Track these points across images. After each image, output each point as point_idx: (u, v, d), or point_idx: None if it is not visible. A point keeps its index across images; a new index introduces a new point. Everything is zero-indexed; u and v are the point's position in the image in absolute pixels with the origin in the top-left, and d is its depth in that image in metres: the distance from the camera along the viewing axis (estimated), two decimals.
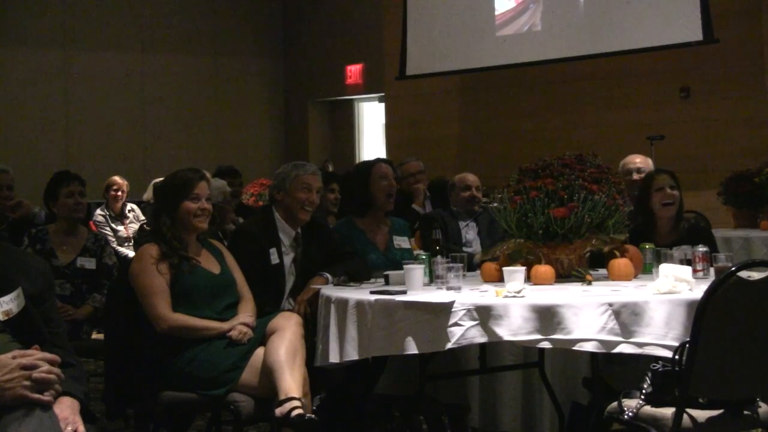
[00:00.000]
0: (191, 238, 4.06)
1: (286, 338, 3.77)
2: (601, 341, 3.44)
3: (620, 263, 4.06)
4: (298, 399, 3.61)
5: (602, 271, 4.20)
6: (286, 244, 4.53)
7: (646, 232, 4.79)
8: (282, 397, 3.62)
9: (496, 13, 12.32)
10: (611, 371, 4.02)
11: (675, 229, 4.83)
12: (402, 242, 4.93)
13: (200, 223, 4.03)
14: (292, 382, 3.65)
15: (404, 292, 3.78)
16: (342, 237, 4.74)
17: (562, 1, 11.80)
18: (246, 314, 3.97)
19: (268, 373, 3.72)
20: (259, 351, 3.82)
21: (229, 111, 15.90)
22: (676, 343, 3.32)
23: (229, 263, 4.14)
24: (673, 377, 3.22)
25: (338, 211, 6.20)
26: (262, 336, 3.86)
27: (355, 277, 4.38)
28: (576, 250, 4.06)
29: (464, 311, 3.49)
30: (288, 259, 4.52)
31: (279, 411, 3.59)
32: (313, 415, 3.60)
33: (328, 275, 4.40)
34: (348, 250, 4.62)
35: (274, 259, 4.46)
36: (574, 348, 3.47)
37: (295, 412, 3.55)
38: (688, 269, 3.76)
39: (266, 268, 4.41)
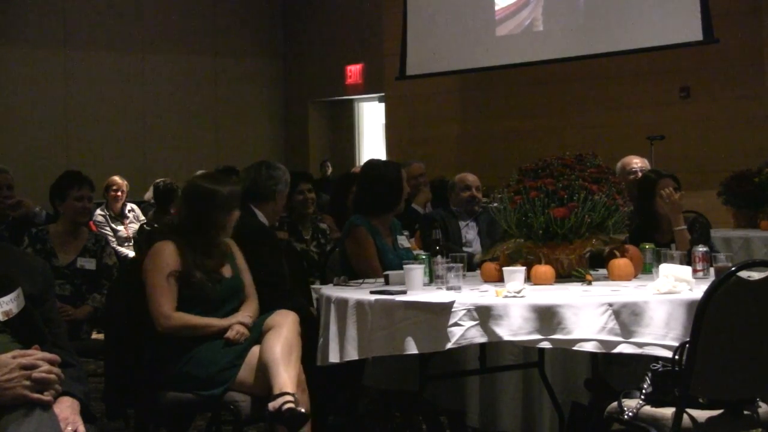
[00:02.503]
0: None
1: (282, 335, 3.77)
2: (601, 341, 3.44)
3: (620, 263, 4.06)
4: (292, 394, 3.61)
5: (602, 271, 4.20)
6: None
7: (647, 232, 4.80)
8: (276, 392, 3.62)
9: (496, 8, 12.32)
10: (611, 371, 4.02)
11: None
12: (403, 242, 4.94)
13: (227, 235, 4.09)
14: (286, 377, 3.65)
15: (404, 292, 3.78)
16: (368, 231, 4.73)
17: (562, 1, 11.80)
18: (245, 314, 3.96)
19: (263, 370, 3.72)
20: (256, 349, 3.81)
21: (229, 111, 15.91)
22: (676, 343, 3.32)
23: (239, 264, 4.11)
24: (673, 377, 3.22)
25: (333, 211, 6.19)
26: (259, 334, 3.86)
27: None
28: (576, 250, 4.05)
29: (464, 311, 3.49)
30: None
31: (272, 405, 3.59)
32: (303, 410, 3.60)
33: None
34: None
35: None
36: (574, 348, 3.47)
37: (286, 406, 3.55)
38: (688, 269, 3.75)
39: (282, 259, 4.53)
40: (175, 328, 3.83)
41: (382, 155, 15.01)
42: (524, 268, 3.85)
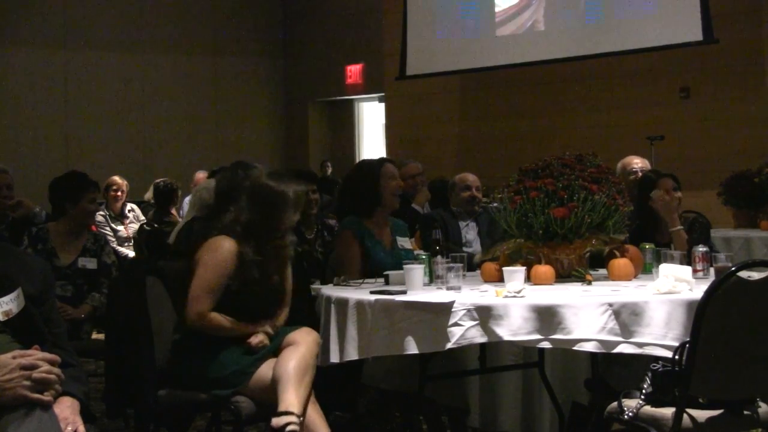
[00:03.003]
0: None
1: (300, 353, 3.71)
2: (601, 341, 3.44)
3: (620, 263, 4.06)
4: (297, 416, 3.56)
5: (602, 271, 4.20)
6: None
7: (647, 232, 4.79)
8: (282, 408, 3.57)
9: (497, 9, 12.33)
10: (611, 371, 4.02)
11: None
12: (404, 243, 4.92)
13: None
14: (295, 397, 3.59)
15: (404, 292, 3.78)
16: (355, 234, 4.71)
17: (563, 2, 11.80)
18: (272, 323, 3.92)
19: (274, 384, 3.67)
20: (271, 362, 3.77)
21: (229, 111, 15.92)
22: (676, 343, 3.32)
23: (287, 272, 4.05)
24: (673, 377, 3.22)
25: (338, 212, 6.18)
26: (278, 347, 3.81)
27: None
28: (576, 250, 4.05)
29: (464, 311, 3.49)
30: None
31: (275, 422, 3.55)
32: None
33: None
34: None
35: None
36: (574, 348, 3.47)
37: (289, 428, 3.52)
38: (688, 269, 3.75)
39: None
40: (206, 328, 3.81)
41: (382, 155, 15.01)
42: (524, 268, 3.84)
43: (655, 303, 3.48)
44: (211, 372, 3.77)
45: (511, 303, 3.48)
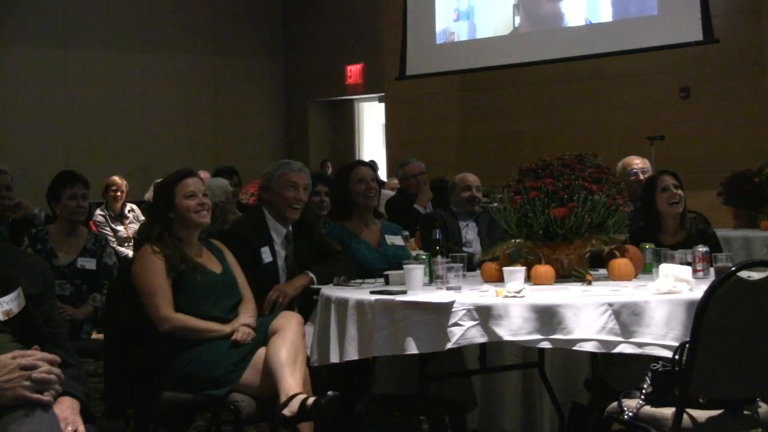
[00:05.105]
0: (193, 238, 4.05)
1: (288, 338, 3.77)
2: (601, 341, 3.44)
3: (620, 263, 4.06)
4: (302, 393, 3.61)
5: (602, 271, 4.20)
6: (278, 242, 4.54)
7: (650, 232, 4.79)
8: (284, 398, 3.60)
9: (496, 9, 12.33)
10: (611, 371, 4.02)
11: (681, 227, 4.88)
12: (395, 240, 4.94)
13: (202, 218, 4.02)
14: (292, 381, 3.65)
15: (404, 292, 3.78)
16: (334, 239, 4.75)
17: (563, 1, 11.81)
18: (247, 315, 3.97)
19: (269, 374, 3.71)
20: (261, 351, 3.82)
21: (229, 111, 15.92)
22: (676, 343, 3.32)
23: (230, 263, 4.13)
24: (673, 377, 3.23)
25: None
26: (264, 336, 3.86)
27: (342, 275, 4.41)
28: (576, 250, 4.06)
29: (464, 311, 3.49)
30: (281, 258, 4.53)
31: (288, 410, 3.57)
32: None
33: (313, 275, 4.41)
34: (336, 249, 4.65)
35: (267, 257, 4.47)
36: (574, 348, 3.47)
37: (310, 401, 3.54)
38: (688, 269, 3.76)
39: (258, 268, 4.41)
40: (176, 329, 3.82)
41: (382, 155, 15.06)
42: (524, 268, 3.85)
43: (655, 303, 3.48)
44: (205, 372, 3.78)
45: (511, 303, 3.48)
